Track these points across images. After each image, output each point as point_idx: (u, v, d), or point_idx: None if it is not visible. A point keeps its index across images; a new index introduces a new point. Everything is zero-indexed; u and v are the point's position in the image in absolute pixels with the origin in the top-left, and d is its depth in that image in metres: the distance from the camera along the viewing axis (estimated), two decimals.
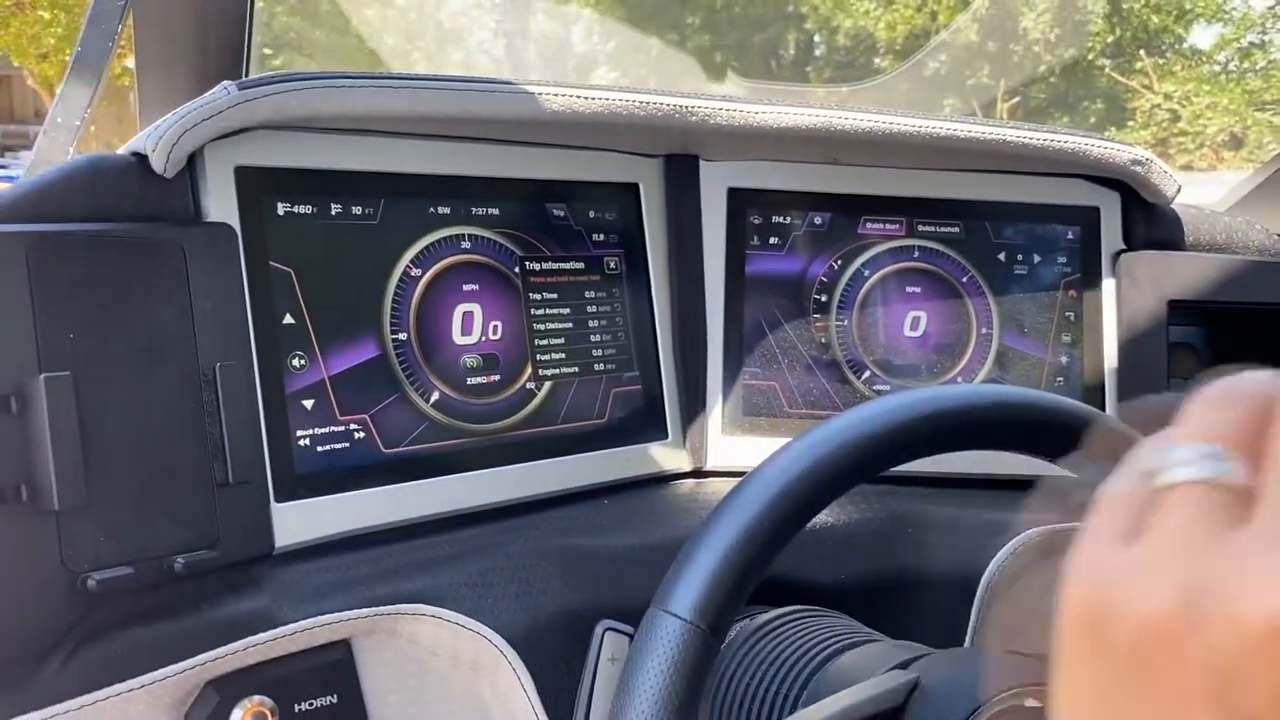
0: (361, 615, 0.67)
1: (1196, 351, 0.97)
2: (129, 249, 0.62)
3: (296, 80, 0.68)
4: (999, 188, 0.94)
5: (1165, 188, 0.91)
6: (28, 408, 0.57)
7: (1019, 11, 9.03)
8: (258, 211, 0.69)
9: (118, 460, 0.60)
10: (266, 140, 0.70)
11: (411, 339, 0.76)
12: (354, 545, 0.71)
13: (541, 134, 0.83)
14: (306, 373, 0.70)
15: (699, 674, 0.48)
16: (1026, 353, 0.93)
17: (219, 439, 0.64)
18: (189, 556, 0.62)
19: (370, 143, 0.75)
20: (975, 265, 0.93)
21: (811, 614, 0.75)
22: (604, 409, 0.86)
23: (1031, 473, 0.90)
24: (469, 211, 0.80)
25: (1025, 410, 0.55)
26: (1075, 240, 0.95)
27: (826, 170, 0.93)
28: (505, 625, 0.71)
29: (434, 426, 0.76)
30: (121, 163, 0.65)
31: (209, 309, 0.65)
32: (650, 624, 0.49)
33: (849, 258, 0.93)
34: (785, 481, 0.51)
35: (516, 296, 0.82)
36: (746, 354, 0.91)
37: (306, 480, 0.70)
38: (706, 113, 0.82)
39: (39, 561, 0.57)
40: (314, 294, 0.71)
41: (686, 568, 0.50)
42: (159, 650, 0.61)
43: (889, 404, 0.53)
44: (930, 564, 0.84)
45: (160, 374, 0.62)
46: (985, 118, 0.92)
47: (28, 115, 15.33)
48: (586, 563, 0.76)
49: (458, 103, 0.74)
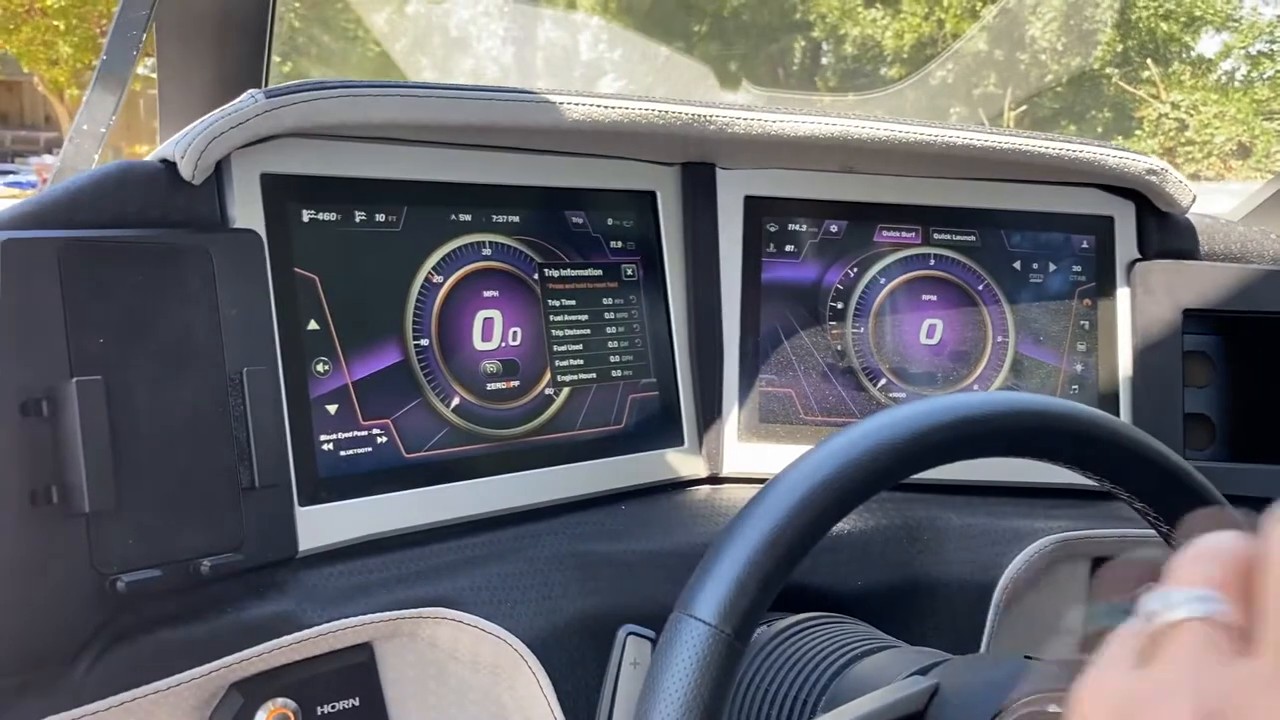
0: (383, 618, 0.68)
1: (1211, 360, 0.98)
2: (157, 255, 0.63)
3: (323, 89, 0.69)
4: (1014, 197, 0.94)
5: (1180, 197, 0.92)
6: (59, 411, 0.57)
7: (1026, 20, 9.03)
8: (283, 218, 0.70)
9: (147, 463, 0.61)
10: (292, 148, 0.71)
11: (433, 345, 0.77)
12: (375, 549, 0.72)
13: (561, 143, 0.84)
14: (330, 378, 0.71)
15: (724, 678, 0.49)
16: (1042, 361, 0.94)
17: (245, 443, 0.65)
18: (215, 559, 0.62)
19: (393, 151, 0.76)
20: (991, 273, 0.94)
21: (829, 620, 0.76)
22: (621, 415, 0.87)
23: (1046, 481, 0.91)
24: (490, 219, 0.81)
25: (1046, 418, 0.55)
26: (1090, 249, 0.95)
27: (842, 179, 0.93)
28: (525, 629, 0.72)
29: (454, 431, 0.77)
30: (150, 169, 0.66)
31: (235, 314, 0.65)
32: (674, 628, 0.50)
33: (865, 265, 0.93)
34: (809, 487, 0.51)
35: (535, 303, 0.83)
36: (763, 361, 0.92)
37: (329, 484, 0.70)
38: (724, 122, 0.83)
39: (69, 563, 0.57)
40: (338, 300, 0.72)
41: (710, 572, 0.50)
42: (185, 652, 0.61)
43: (912, 410, 0.54)
44: (947, 571, 0.85)
45: (188, 378, 0.63)
46: (994, 127, 0.92)
47: (37, 121, 15.39)
48: (604, 568, 0.77)
49: (481, 112, 0.75)
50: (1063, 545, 0.87)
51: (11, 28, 9.91)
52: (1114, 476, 0.57)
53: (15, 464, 0.56)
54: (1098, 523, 0.88)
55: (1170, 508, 0.57)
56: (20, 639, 0.56)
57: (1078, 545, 0.87)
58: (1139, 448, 0.56)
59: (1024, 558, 0.85)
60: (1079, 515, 0.89)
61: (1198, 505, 0.57)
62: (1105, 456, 0.56)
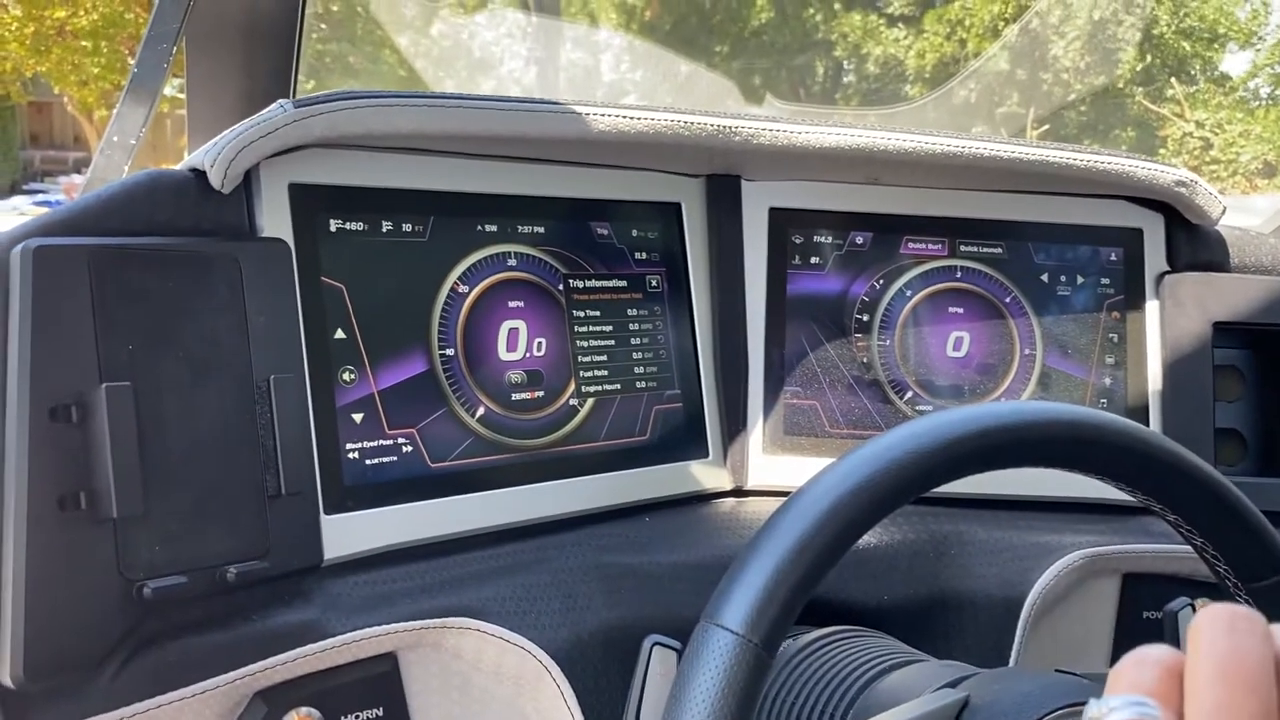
0: (407, 628, 0.68)
1: (1242, 374, 0.96)
2: (186, 263, 0.63)
3: (351, 99, 0.69)
4: (1042, 209, 0.94)
5: (1210, 209, 0.91)
6: (89, 417, 0.58)
7: (1049, 39, 9.02)
8: (311, 228, 0.70)
9: (174, 470, 0.61)
10: (320, 158, 0.71)
11: (458, 355, 0.77)
12: (399, 558, 0.71)
13: (586, 154, 0.84)
14: (356, 387, 0.71)
15: (752, 688, 0.48)
16: (1070, 374, 0.93)
17: (272, 451, 0.65)
18: (241, 567, 0.62)
19: (420, 161, 0.76)
20: (1018, 286, 0.93)
21: (856, 634, 0.75)
22: (645, 426, 0.86)
23: (1074, 495, 0.90)
24: (515, 229, 0.81)
25: (1078, 427, 0.55)
26: (1118, 261, 0.94)
27: (868, 190, 0.93)
28: (549, 641, 0.71)
29: (479, 441, 0.77)
30: (180, 178, 0.66)
31: (263, 323, 0.66)
32: (702, 637, 0.49)
33: (891, 277, 0.93)
34: (838, 496, 0.50)
35: (560, 314, 0.83)
36: (788, 373, 0.91)
37: (354, 493, 0.70)
38: (750, 133, 0.83)
39: (97, 569, 0.58)
40: (364, 309, 0.72)
41: (738, 581, 0.50)
42: (210, 660, 0.61)
43: (941, 420, 0.53)
44: (974, 586, 0.84)
45: (216, 385, 0.63)
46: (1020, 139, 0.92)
47: (66, 141, 15.63)
48: (629, 580, 0.77)
49: (508, 122, 0.75)
50: (1092, 561, 0.86)
51: (42, 49, 10.08)
52: (1151, 489, 0.56)
53: (44, 469, 0.56)
54: (1128, 538, 0.87)
55: (1209, 524, 0.56)
56: (48, 643, 0.56)
57: (1107, 561, 0.86)
58: (1178, 461, 0.55)
59: (1052, 573, 0.84)
60: (1108, 530, 0.88)
61: (1237, 522, 0.56)
62: (1143, 469, 0.55)
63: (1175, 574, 0.88)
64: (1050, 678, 0.58)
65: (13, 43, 9.97)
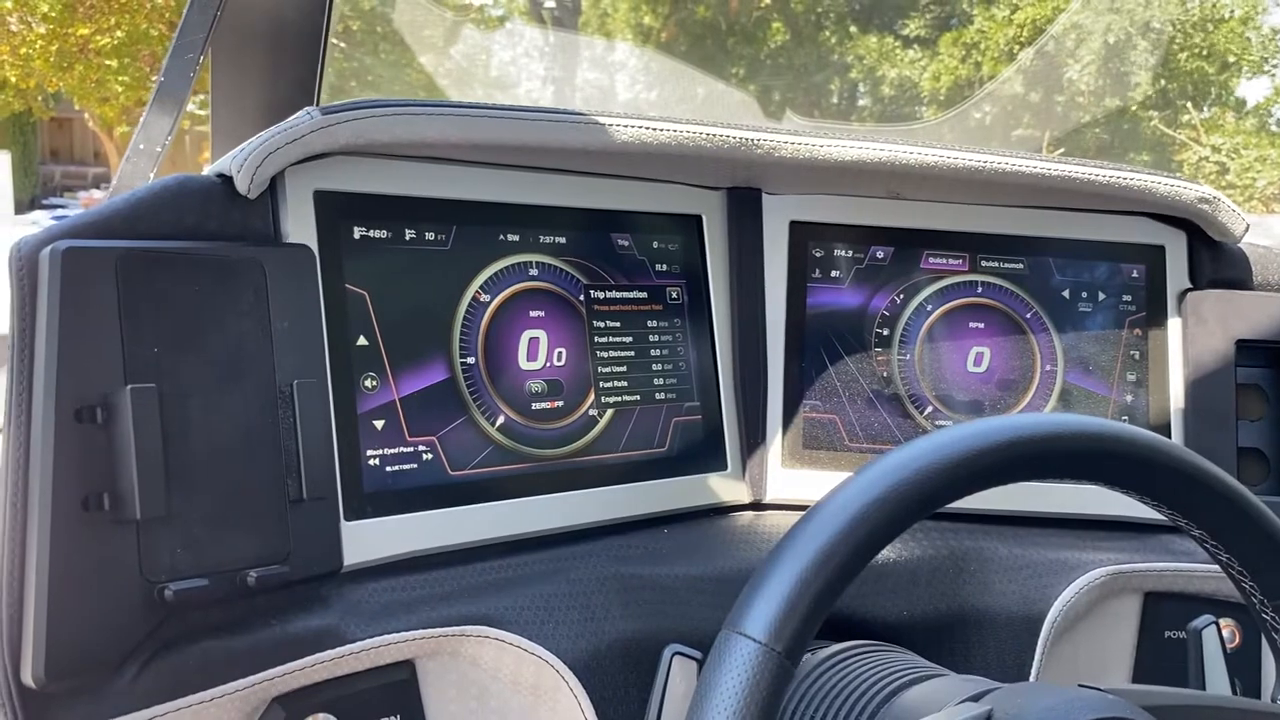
0: (426, 635, 0.68)
1: (1265, 393, 0.96)
2: (212, 267, 0.63)
3: (377, 107, 0.70)
4: (1063, 225, 0.94)
5: (1233, 226, 0.91)
6: (113, 418, 0.58)
7: (1064, 63, 9.03)
8: (335, 235, 0.71)
9: (197, 472, 0.61)
10: (345, 166, 0.72)
11: (479, 363, 0.77)
12: (419, 566, 0.71)
13: (609, 165, 0.84)
14: (378, 393, 0.71)
15: (774, 697, 0.48)
16: (1091, 391, 0.92)
17: (294, 455, 0.65)
18: (261, 571, 0.62)
19: (444, 170, 0.77)
20: (1039, 302, 0.93)
21: (876, 648, 0.74)
22: (664, 438, 0.86)
23: (1095, 513, 0.89)
24: (537, 239, 0.81)
25: (1104, 440, 0.54)
26: (1140, 278, 0.94)
27: (889, 205, 0.93)
28: (567, 651, 0.71)
29: (499, 450, 0.77)
30: (206, 183, 0.67)
31: (287, 328, 0.66)
32: (724, 646, 0.49)
33: (911, 292, 0.93)
34: (861, 505, 0.50)
35: (581, 324, 0.83)
36: (807, 387, 0.91)
37: (375, 499, 0.70)
38: (771, 146, 0.83)
39: (119, 570, 0.58)
40: (387, 317, 0.72)
41: (761, 590, 0.49)
42: (229, 663, 0.61)
43: (967, 431, 0.53)
44: (994, 602, 0.83)
45: (239, 389, 0.63)
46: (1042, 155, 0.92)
47: (87, 157, 15.78)
48: (647, 591, 0.76)
49: (532, 132, 0.75)
50: (1113, 578, 0.85)
51: (66, 65, 10.20)
52: (1178, 505, 0.55)
53: (69, 470, 0.57)
54: (1150, 555, 0.86)
55: (1237, 540, 0.56)
56: (69, 644, 0.56)
57: (1129, 578, 0.86)
58: (1207, 477, 0.55)
59: (1073, 590, 0.83)
60: (1130, 548, 0.87)
61: (1266, 539, 0.56)
62: (1169, 484, 0.55)
63: (1197, 593, 0.87)
64: (1074, 692, 0.58)
65: (38, 59, 10.09)
